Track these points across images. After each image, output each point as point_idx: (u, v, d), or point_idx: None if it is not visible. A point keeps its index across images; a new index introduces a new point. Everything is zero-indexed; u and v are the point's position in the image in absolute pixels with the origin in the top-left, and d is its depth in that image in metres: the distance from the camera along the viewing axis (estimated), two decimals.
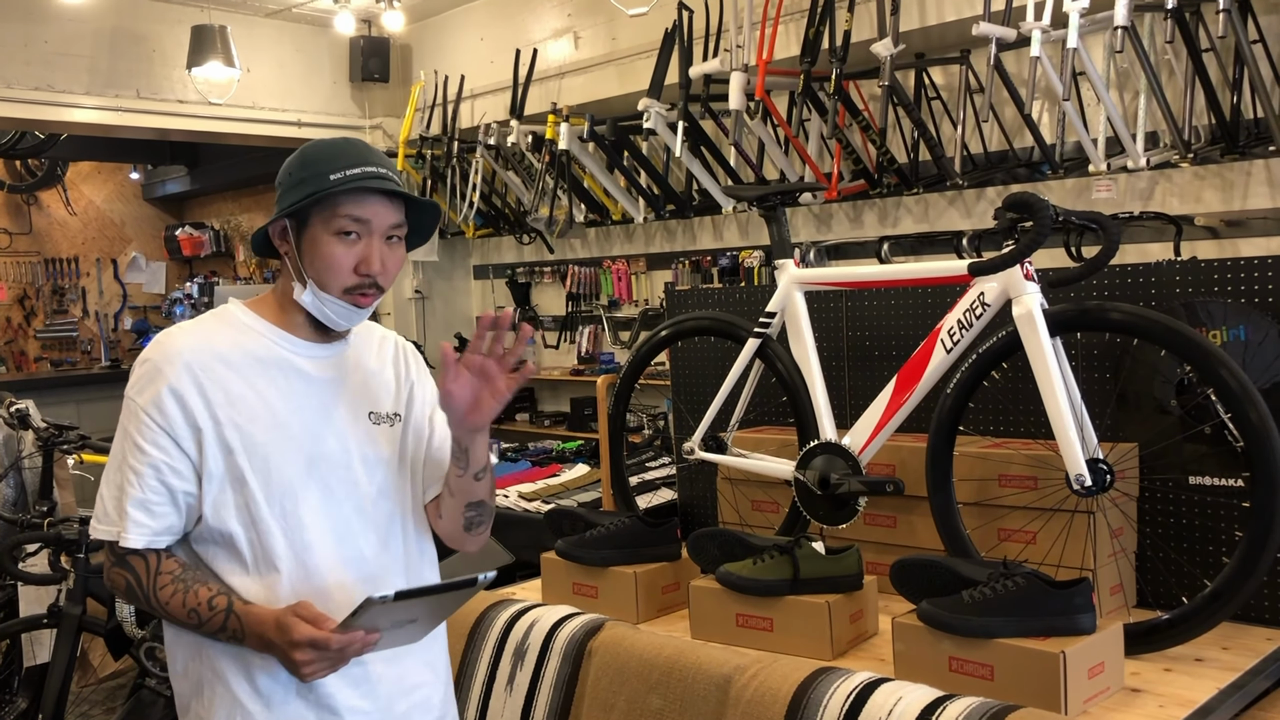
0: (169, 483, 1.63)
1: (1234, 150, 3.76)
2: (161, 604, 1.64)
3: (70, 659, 3.19)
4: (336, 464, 1.72)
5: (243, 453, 1.65)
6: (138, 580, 1.64)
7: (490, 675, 2.53)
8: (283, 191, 1.71)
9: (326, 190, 1.65)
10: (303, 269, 1.69)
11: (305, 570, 1.67)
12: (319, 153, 1.70)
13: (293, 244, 1.71)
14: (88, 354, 10.03)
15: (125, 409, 1.67)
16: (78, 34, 5.67)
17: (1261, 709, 2.19)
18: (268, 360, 1.71)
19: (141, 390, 1.65)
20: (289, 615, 1.57)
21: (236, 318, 1.75)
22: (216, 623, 1.62)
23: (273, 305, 1.76)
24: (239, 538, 1.65)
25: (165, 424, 1.63)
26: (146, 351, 1.69)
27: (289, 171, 1.71)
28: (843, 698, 1.99)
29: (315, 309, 1.71)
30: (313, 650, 1.54)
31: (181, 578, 1.64)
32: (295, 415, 1.70)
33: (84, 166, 10.04)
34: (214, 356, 1.67)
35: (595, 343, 6.27)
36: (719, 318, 3.06)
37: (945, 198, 4.63)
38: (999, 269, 2.36)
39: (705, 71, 4.69)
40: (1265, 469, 2.11)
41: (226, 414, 1.65)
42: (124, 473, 1.64)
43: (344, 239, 1.67)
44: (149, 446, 1.63)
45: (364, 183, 1.65)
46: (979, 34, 3.82)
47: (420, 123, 6.45)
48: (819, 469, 2.66)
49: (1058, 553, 2.42)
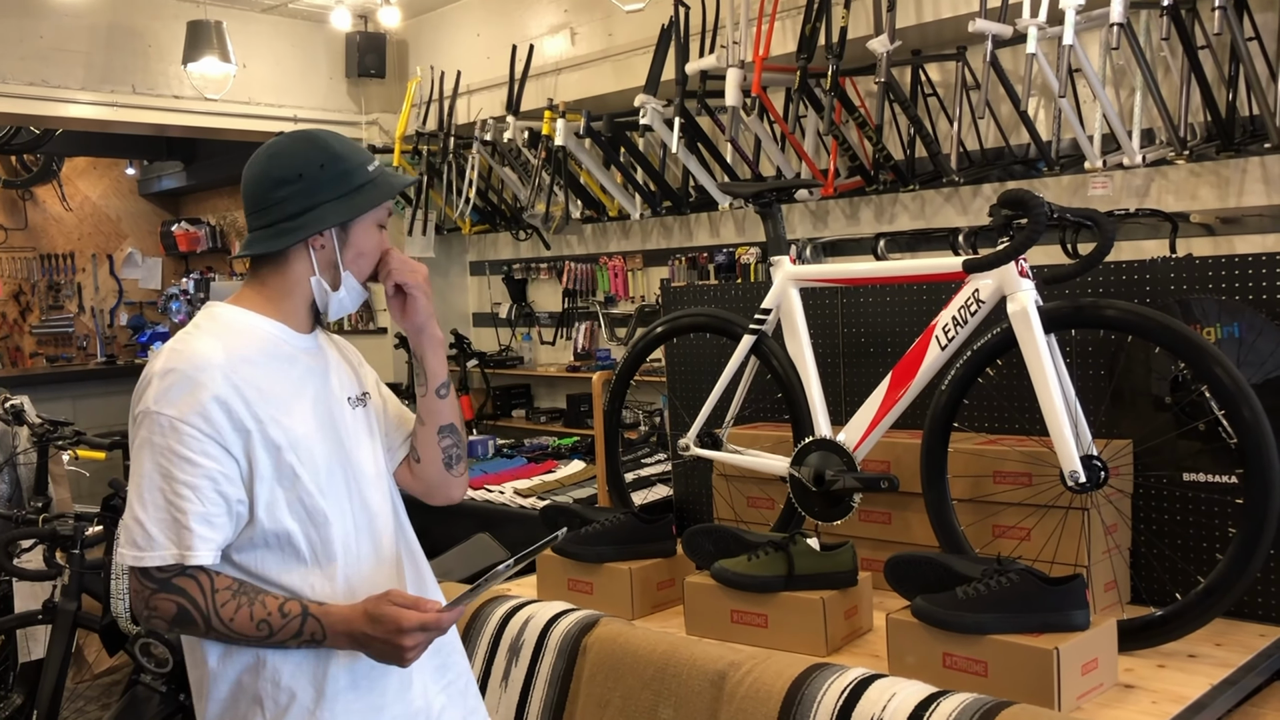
0: (225, 492, 1.59)
1: (1229, 147, 3.75)
2: (225, 621, 1.58)
3: (65, 655, 3.19)
4: (349, 448, 1.75)
5: (289, 448, 1.64)
6: (193, 602, 1.57)
7: (485, 671, 2.53)
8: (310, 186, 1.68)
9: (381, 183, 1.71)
10: (341, 262, 1.72)
11: (358, 555, 1.71)
12: (341, 146, 1.72)
13: (333, 239, 1.71)
14: (83, 350, 10.01)
15: (150, 425, 1.58)
16: (73, 29, 5.65)
17: (1254, 705, 2.20)
18: (278, 355, 1.70)
19: (175, 402, 1.57)
20: (386, 605, 1.58)
21: (233, 319, 1.71)
22: (292, 629, 1.59)
23: (261, 301, 1.73)
24: (296, 533, 1.64)
25: (213, 432, 1.58)
26: (165, 362, 1.62)
27: (320, 165, 1.69)
28: (837, 694, 1.99)
29: (340, 302, 1.75)
30: (422, 633, 1.58)
31: (242, 591, 1.60)
32: (312, 406, 1.72)
33: (80, 162, 10.01)
34: (239, 358, 1.64)
35: (591, 339, 6.26)
36: (714, 314, 3.06)
37: (941, 194, 4.63)
38: (994, 266, 2.37)
39: (702, 68, 4.68)
40: (1258, 466, 2.12)
41: (267, 412, 1.63)
42: (172, 489, 1.56)
43: (379, 230, 1.76)
44: (199, 458, 1.57)
45: (400, 179, 1.75)
46: (975, 31, 3.82)
47: (416, 118, 6.44)
48: (814, 465, 2.67)
49: (1052, 549, 2.43)
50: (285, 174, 1.68)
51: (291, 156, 1.70)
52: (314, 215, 1.68)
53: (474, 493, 4.30)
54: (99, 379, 7.86)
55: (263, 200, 1.70)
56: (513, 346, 6.73)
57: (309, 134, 1.74)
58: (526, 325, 6.69)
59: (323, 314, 1.78)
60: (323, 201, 1.68)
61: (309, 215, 1.68)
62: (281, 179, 1.68)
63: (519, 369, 6.60)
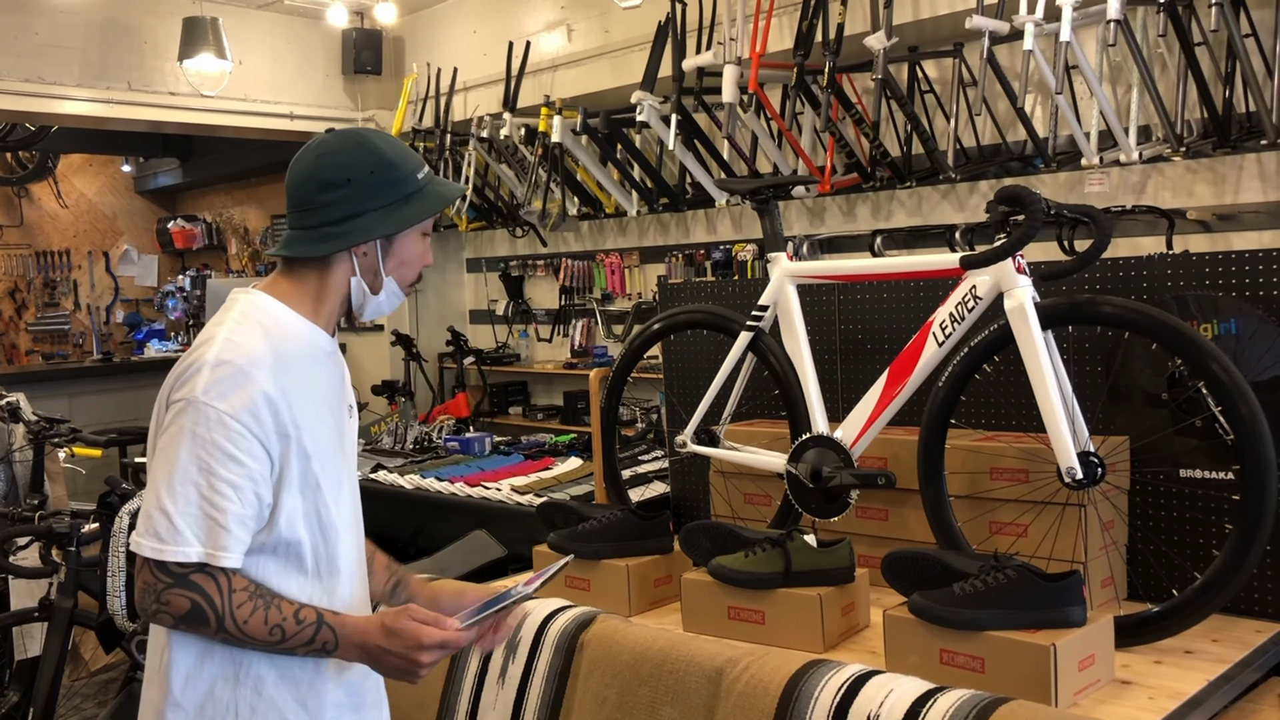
0: (261, 494, 1.55)
1: (1226, 144, 3.76)
2: (239, 623, 1.53)
3: (62, 652, 3.18)
4: (348, 459, 1.74)
5: (316, 457, 1.61)
6: (209, 601, 1.52)
7: (482, 668, 2.53)
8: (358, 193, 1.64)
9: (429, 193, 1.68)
10: (383, 269, 1.68)
11: (355, 570, 1.70)
12: (393, 152, 1.67)
13: (377, 246, 1.67)
14: (79, 347, 9.99)
15: (196, 415, 1.52)
16: (69, 25, 5.64)
17: (1251, 700, 2.20)
18: (312, 357, 1.67)
19: (225, 395, 1.52)
20: (405, 620, 1.56)
21: (278, 315, 1.65)
22: (304, 636, 1.56)
23: (298, 298, 1.67)
24: (305, 544, 1.61)
25: (260, 432, 1.54)
26: (219, 353, 1.56)
27: (370, 171, 1.64)
28: (834, 690, 1.99)
29: (378, 306, 1.72)
30: (441, 650, 1.57)
31: (258, 594, 1.56)
32: (332, 413, 1.70)
33: (75, 159, 9.99)
34: (284, 358, 1.60)
35: (588, 336, 6.26)
36: (711, 311, 3.06)
37: (938, 191, 4.63)
38: (991, 262, 2.37)
39: (699, 64, 4.68)
40: (1255, 462, 2.12)
41: (305, 419, 1.60)
42: (210, 485, 1.51)
43: (423, 238, 1.73)
44: (245, 457, 1.52)
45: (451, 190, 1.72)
46: (972, 27, 3.82)
47: (413, 115, 6.43)
48: (811, 462, 2.67)
49: (1049, 545, 2.43)
50: (333, 177, 1.64)
51: (341, 159, 1.65)
52: (360, 223, 1.63)
53: (470, 490, 4.29)
54: (95, 376, 7.84)
55: (308, 201, 1.65)
56: (509, 343, 6.72)
57: (360, 135, 1.68)
58: (523, 322, 6.68)
59: (357, 315, 1.75)
60: (370, 210, 1.64)
61: (355, 223, 1.63)
62: (329, 182, 1.64)
63: (516, 366, 6.59)
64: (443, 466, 4.80)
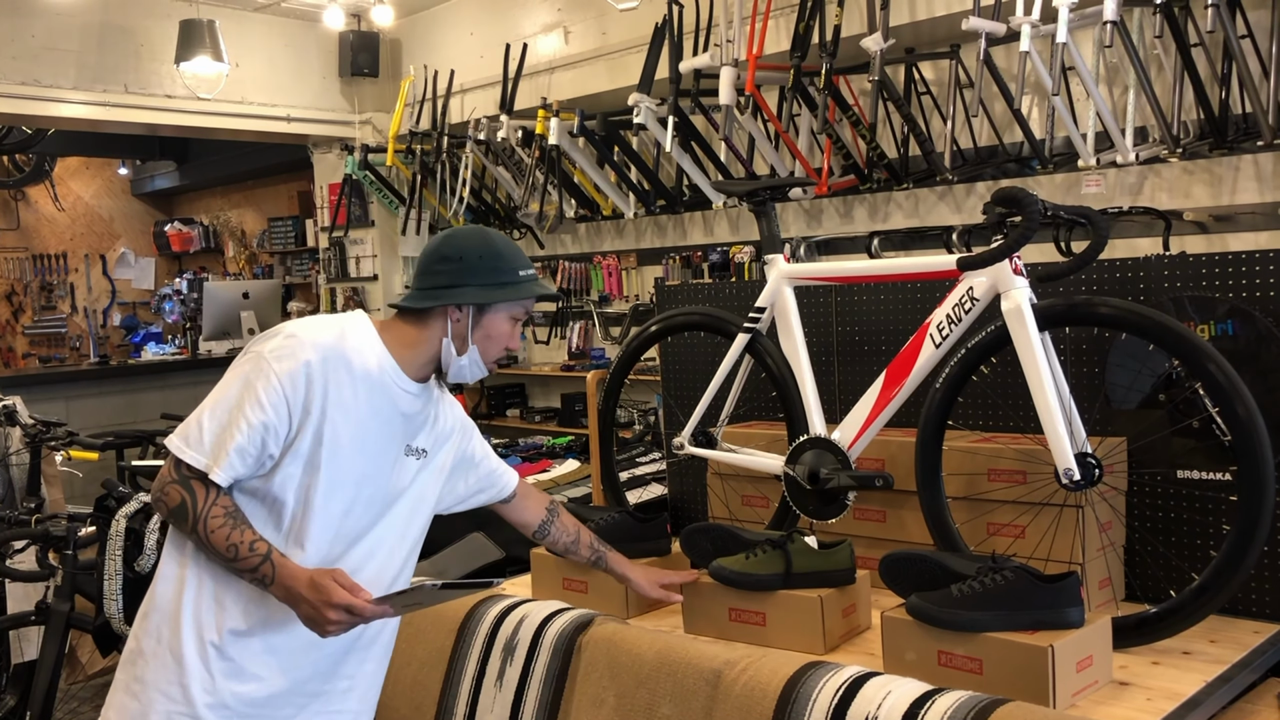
0: (267, 442, 1.84)
1: (1222, 145, 3.76)
2: (208, 530, 1.82)
3: (58, 656, 3.18)
4: (378, 483, 1.97)
5: (328, 446, 1.87)
6: (194, 502, 1.82)
7: (480, 671, 2.52)
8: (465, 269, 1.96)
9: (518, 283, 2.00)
10: (471, 338, 2.00)
11: (323, 558, 1.90)
12: (505, 248, 2.01)
13: (469, 317, 1.98)
14: (76, 350, 9.99)
15: (255, 364, 1.84)
16: (65, 28, 5.64)
17: (1249, 701, 2.20)
18: (376, 384, 1.94)
19: (281, 358, 1.85)
20: (327, 578, 1.80)
21: (365, 335, 1.95)
22: (251, 563, 1.81)
23: (391, 339, 1.98)
24: (287, 509, 1.88)
25: (291, 395, 1.84)
26: (292, 327, 1.90)
27: (479, 255, 1.97)
28: (832, 692, 1.99)
29: (461, 369, 2.02)
30: (345, 613, 1.78)
31: (232, 514, 1.84)
32: (372, 434, 1.94)
33: (72, 162, 9.99)
34: (343, 360, 1.89)
35: (586, 338, 6.26)
36: (708, 313, 3.06)
37: (935, 193, 4.64)
38: (988, 264, 2.37)
39: (695, 66, 4.69)
40: (1252, 463, 2.12)
41: (333, 412, 1.87)
42: (235, 417, 1.82)
43: (513, 323, 2.04)
44: (269, 408, 1.82)
45: (543, 290, 2.04)
46: (968, 29, 3.83)
47: (410, 118, 6.43)
48: (808, 464, 2.66)
49: (1046, 547, 2.43)
50: (449, 253, 1.99)
51: (460, 240, 2.00)
52: (458, 292, 1.96)
53: None
54: (92, 379, 7.83)
55: (427, 268, 2.00)
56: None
57: (483, 230, 2.05)
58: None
59: (444, 373, 2.03)
60: (470, 284, 1.96)
61: (454, 291, 1.96)
62: (445, 256, 1.99)
63: (513, 368, 6.59)
64: None
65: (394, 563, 2.04)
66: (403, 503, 2.03)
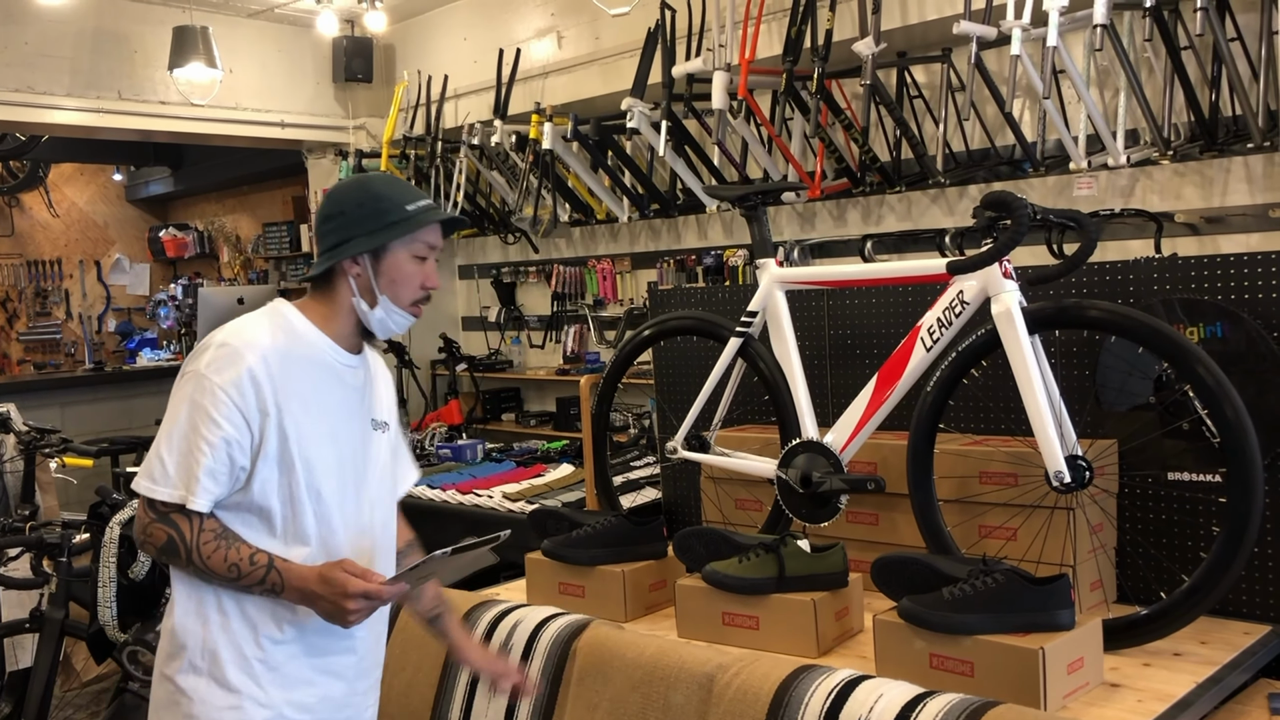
0: (234, 456, 1.81)
1: (1213, 147, 3.77)
2: (203, 558, 1.81)
3: (53, 663, 3.18)
4: (356, 464, 1.96)
5: (295, 441, 1.85)
6: (181, 536, 1.81)
7: (474, 677, 2.53)
8: (350, 223, 1.91)
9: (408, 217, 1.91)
10: (376, 289, 1.93)
11: (326, 549, 1.89)
12: (384, 188, 1.94)
13: (368, 269, 1.92)
14: (71, 356, 9.97)
15: (196, 384, 1.81)
16: (58, 35, 5.64)
17: (1239, 702, 2.21)
18: (319, 363, 1.92)
19: (220, 370, 1.81)
20: (337, 570, 1.79)
21: (292, 320, 1.92)
22: (256, 576, 1.81)
23: (319, 315, 1.95)
24: (275, 513, 1.86)
25: (241, 404, 1.81)
26: (226, 336, 1.85)
27: (358, 203, 1.91)
28: (824, 695, 2.00)
29: (380, 321, 1.95)
30: (364, 600, 1.78)
31: (223, 535, 1.83)
32: (333, 416, 1.92)
33: (66, 168, 9.98)
34: (282, 352, 1.87)
35: (581, 342, 6.26)
36: (701, 317, 3.07)
37: (928, 196, 4.65)
38: (977, 267, 2.38)
39: (688, 71, 4.69)
40: (1241, 464, 2.13)
41: (289, 404, 1.85)
42: (194, 441, 1.80)
43: (417, 261, 1.95)
44: (224, 422, 1.80)
45: (436, 215, 1.95)
46: (960, 32, 3.84)
47: (404, 123, 6.43)
48: (801, 467, 2.67)
49: (1038, 549, 2.44)
50: (331, 210, 1.94)
51: (339, 196, 1.95)
52: (345, 246, 1.91)
53: (463, 497, 4.30)
54: (87, 386, 7.82)
55: (318, 232, 1.97)
56: (502, 350, 6.72)
57: (360, 177, 1.99)
58: (515, 329, 6.69)
59: (371, 333, 1.99)
60: (356, 235, 1.90)
61: (342, 246, 1.91)
62: (328, 215, 1.94)
63: (508, 373, 6.60)
64: (434, 474, 4.80)
65: (388, 537, 2.04)
66: (384, 477, 2.03)
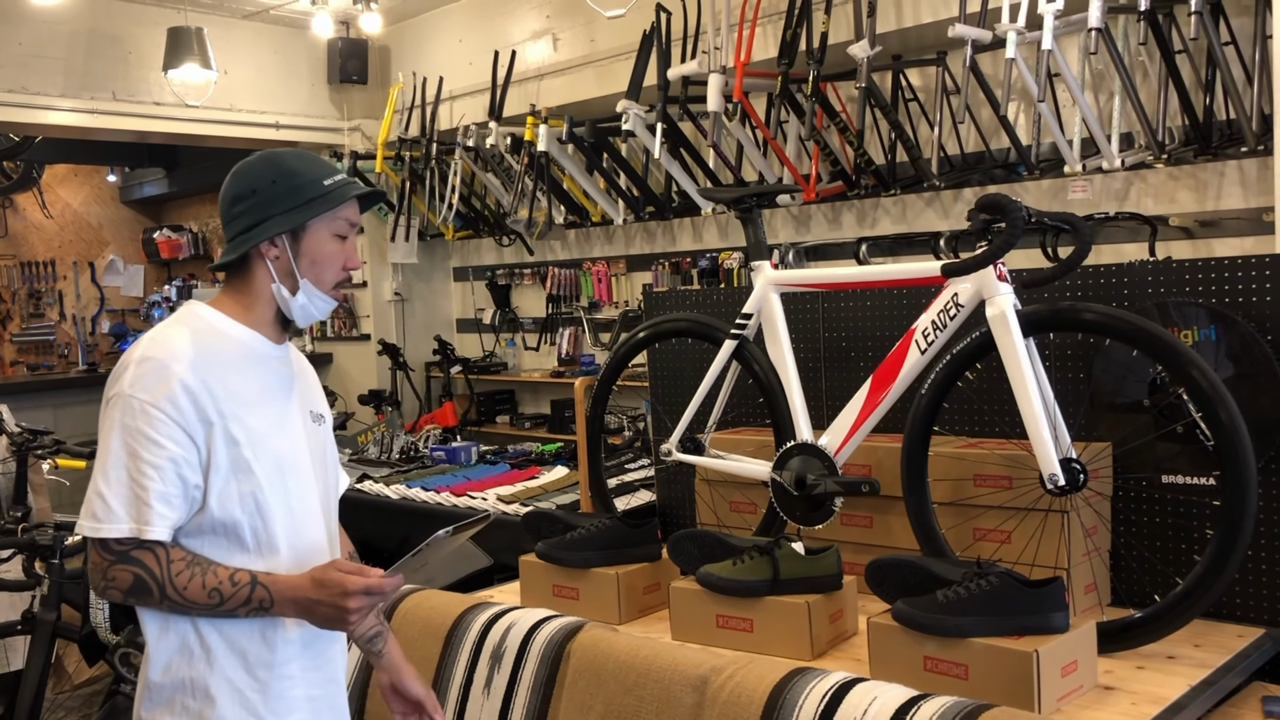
0: (184, 476, 1.68)
1: (1207, 151, 3.79)
2: (180, 589, 1.67)
3: (45, 665, 3.17)
4: (303, 457, 1.86)
5: (247, 444, 1.73)
6: (149, 572, 1.66)
7: (468, 678, 2.52)
8: (264, 202, 1.78)
9: (325, 193, 1.79)
10: (296, 271, 1.81)
11: (298, 552, 1.80)
12: (298, 163, 1.82)
13: (287, 250, 1.80)
14: (64, 358, 9.95)
15: (123, 407, 1.67)
16: (52, 36, 5.63)
17: (1233, 705, 2.21)
18: (250, 358, 1.80)
19: (148, 388, 1.67)
20: (331, 571, 1.69)
21: (211, 319, 1.80)
22: (241, 596, 1.68)
23: (235, 307, 1.82)
24: (242, 524, 1.73)
25: (180, 419, 1.67)
26: (144, 350, 1.72)
27: (272, 180, 1.79)
28: (818, 698, 1.99)
29: (303, 307, 1.83)
30: (365, 596, 1.67)
31: (196, 561, 1.70)
32: (277, 409, 1.82)
33: (60, 169, 9.96)
34: (210, 355, 1.74)
35: (576, 344, 6.26)
36: (696, 319, 3.06)
37: (923, 199, 4.65)
38: (972, 270, 2.38)
39: (683, 73, 4.70)
40: (1235, 467, 2.13)
41: (230, 408, 1.72)
42: (136, 468, 1.66)
43: (338, 240, 1.84)
44: (166, 441, 1.66)
45: (356, 190, 1.83)
46: (955, 36, 3.84)
47: (399, 124, 6.43)
48: (795, 470, 2.67)
49: (1032, 552, 2.43)
50: (241, 190, 1.81)
51: (249, 174, 1.82)
52: (261, 227, 1.79)
53: (456, 500, 4.29)
54: (80, 387, 7.79)
55: (226, 216, 1.83)
56: (497, 352, 6.72)
57: (269, 153, 1.85)
58: (510, 331, 6.68)
59: (292, 321, 1.86)
60: (272, 215, 1.78)
61: (259, 228, 1.79)
62: (238, 195, 1.81)
63: (503, 375, 6.59)
64: (428, 476, 4.79)
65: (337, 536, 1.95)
66: (330, 470, 1.94)
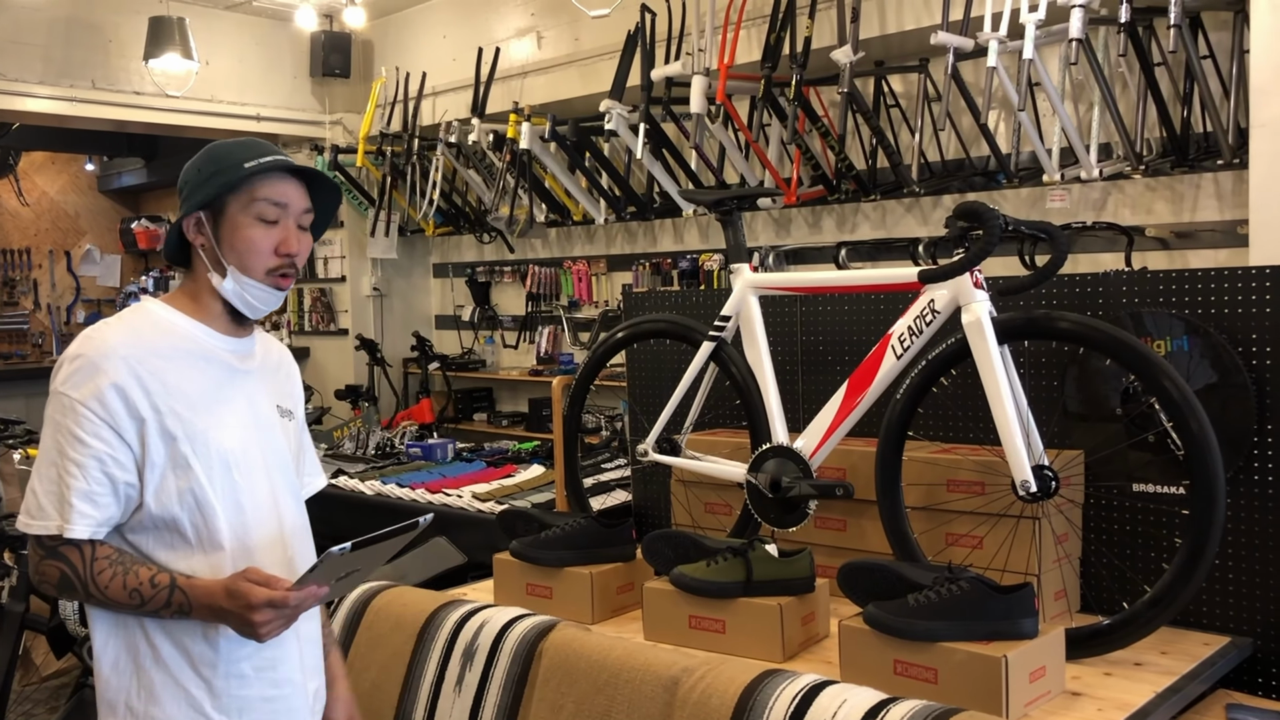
0: (111, 474, 1.67)
1: (1184, 163, 3.82)
2: (100, 588, 1.66)
3: (12, 657, 3.14)
4: (262, 451, 1.82)
5: (185, 440, 1.71)
6: (73, 570, 1.66)
7: (439, 675, 2.52)
8: (192, 188, 1.78)
9: (244, 174, 1.74)
10: (222, 257, 1.77)
11: (245, 547, 1.76)
12: (227, 150, 1.79)
13: (210, 235, 1.77)
14: (38, 347, 9.86)
15: (55, 404, 1.68)
16: (31, 22, 5.58)
17: (1197, 712, 2.24)
18: (195, 353, 1.77)
19: (78, 385, 1.67)
20: (240, 581, 1.63)
21: (157, 314, 1.79)
22: (160, 599, 1.66)
23: (187, 301, 1.81)
24: (183, 521, 1.71)
25: (108, 417, 1.66)
26: (76, 348, 1.71)
27: (197, 168, 1.78)
28: (788, 700, 2.00)
29: (237, 295, 1.78)
30: (271, 610, 1.62)
31: (119, 561, 1.68)
32: (227, 404, 1.78)
33: (37, 156, 9.87)
34: (147, 350, 1.72)
35: (555, 343, 6.26)
36: (674, 321, 3.07)
37: (902, 204, 4.68)
38: (949, 276, 2.39)
39: (667, 74, 4.71)
40: (1204, 477, 2.15)
41: (166, 403, 1.70)
42: (63, 465, 1.66)
43: (263, 223, 1.77)
44: (90, 439, 1.65)
45: (277, 164, 1.77)
46: (937, 43, 3.87)
47: (381, 119, 6.41)
48: (770, 472, 2.68)
49: (1003, 557, 2.45)
50: (182, 181, 1.81)
51: (188, 165, 1.81)
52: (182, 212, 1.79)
53: (432, 497, 4.28)
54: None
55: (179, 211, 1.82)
56: (475, 349, 6.71)
57: (206, 147, 1.83)
58: (489, 328, 6.67)
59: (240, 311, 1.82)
60: (194, 201, 1.77)
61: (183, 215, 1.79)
62: (180, 186, 1.81)
63: (481, 372, 6.58)
64: (404, 473, 4.78)
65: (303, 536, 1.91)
66: (291, 468, 1.90)
